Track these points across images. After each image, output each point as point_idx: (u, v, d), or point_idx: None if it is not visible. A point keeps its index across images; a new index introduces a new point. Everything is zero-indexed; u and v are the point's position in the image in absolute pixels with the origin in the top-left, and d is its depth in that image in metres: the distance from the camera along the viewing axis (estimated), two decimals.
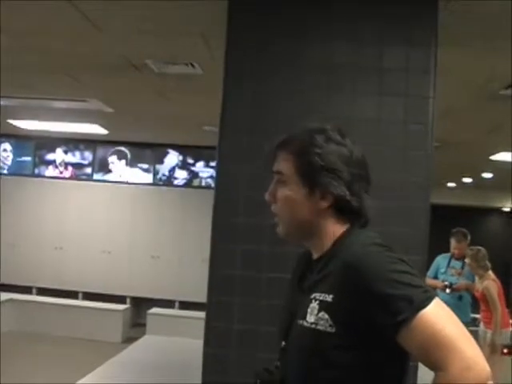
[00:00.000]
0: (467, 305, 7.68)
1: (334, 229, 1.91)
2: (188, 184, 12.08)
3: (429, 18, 3.81)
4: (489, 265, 7.54)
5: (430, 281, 7.57)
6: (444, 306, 1.68)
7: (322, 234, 1.93)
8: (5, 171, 12.48)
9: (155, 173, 12.24)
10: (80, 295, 11.98)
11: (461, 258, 7.71)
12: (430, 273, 7.72)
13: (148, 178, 12.25)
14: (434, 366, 1.60)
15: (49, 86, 7.41)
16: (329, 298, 1.76)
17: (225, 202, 3.81)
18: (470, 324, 7.59)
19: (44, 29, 5.17)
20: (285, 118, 3.71)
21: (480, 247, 7.61)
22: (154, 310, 11.02)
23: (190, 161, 12.11)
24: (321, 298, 1.78)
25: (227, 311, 3.76)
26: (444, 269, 7.77)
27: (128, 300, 11.84)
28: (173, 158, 12.19)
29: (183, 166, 12.14)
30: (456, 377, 1.55)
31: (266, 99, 3.84)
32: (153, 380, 4.54)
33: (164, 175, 12.23)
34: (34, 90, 7.74)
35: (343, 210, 1.90)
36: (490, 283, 7.43)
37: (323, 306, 1.77)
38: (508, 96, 6.04)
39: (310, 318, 1.80)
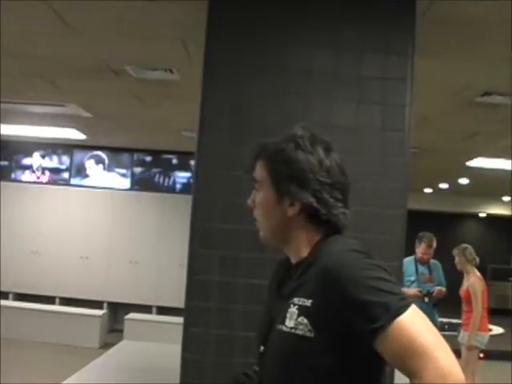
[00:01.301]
0: (432, 310, 7.65)
1: (309, 236, 1.92)
2: (166, 189, 12.06)
3: (407, 27, 3.85)
4: (477, 259, 7.66)
5: (405, 290, 7.57)
6: (421, 313, 1.68)
7: (297, 241, 1.94)
8: None
9: (132, 177, 12.21)
10: (57, 300, 11.90)
11: (427, 262, 7.71)
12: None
13: (126, 182, 12.21)
14: (409, 373, 1.60)
15: (25, 89, 7.37)
16: (308, 302, 1.77)
17: (202, 208, 3.82)
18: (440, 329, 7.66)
19: (18, 30, 5.13)
20: (263, 124, 3.72)
21: (466, 244, 7.70)
22: (132, 315, 10.96)
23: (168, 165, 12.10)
24: (300, 303, 1.79)
25: (205, 316, 3.76)
26: (414, 276, 7.64)
27: (105, 305, 11.76)
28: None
29: (164, 171, 12.13)
30: None
31: (245, 105, 3.84)
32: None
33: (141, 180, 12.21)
34: (10, 94, 7.68)
35: (314, 218, 1.92)
36: (476, 280, 7.52)
37: (302, 310, 1.77)
38: (483, 103, 6.10)
39: (290, 323, 1.80)
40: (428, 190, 15.54)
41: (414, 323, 1.64)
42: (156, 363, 4.09)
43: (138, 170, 12.23)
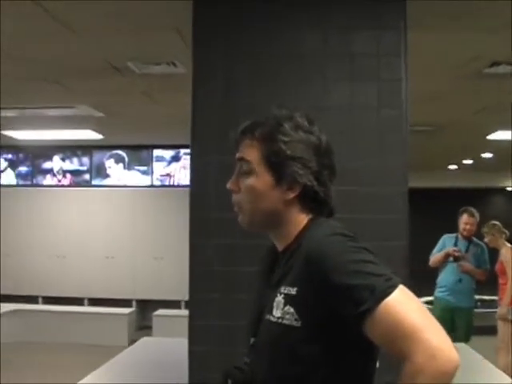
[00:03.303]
0: (469, 289, 7.59)
1: (298, 219, 1.86)
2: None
3: (396, 1, 3.77)
4: (507, 233, 7.73)
5: (435, 256, 7.57)
6: (409, 293, 1.63)
7: (287, 224, 1.87)
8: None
9: (153, 174, 12.23)
10: (86, 302, 12.01)
11: (469, 236, 7.62)
12: (436, 250, 7.66)
13: (146, 180, 12.22)
14: (400, 355, 1.55)
15: (36, 94, 7.39)
16: (293, 291, 1.73)
17: (200, 199, 3.80)
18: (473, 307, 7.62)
19: (16, 34, 5.11)
20: (256, 110, 3.67)
21: (494, 221, 7.69)
22: (160, 311, 11.02)
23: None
24: (286, 292, 1.75)
25: (209, 308, 3.74)
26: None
27: (134, 303, 11.85)
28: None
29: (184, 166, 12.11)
30: (421, 366, 1.50)
31: (236, 92, 3.81)
32: (147, 380, 4.52)
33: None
34: (23, 100, 7.73)
35: (309, 200, 1.86)
36: (508, 252, 7.52)
37: (288, 299, 1.74)
38: (492, 74, 5.98)
39: (277, 313, 1.76)
40: (453, 167, 15.38)
41: (402, 304, 1.59)
42: (176, 358, 4.08)
43: (158, 166, 12.22)
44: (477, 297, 8.20)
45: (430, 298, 8.18)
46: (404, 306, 1.59)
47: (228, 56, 3.85)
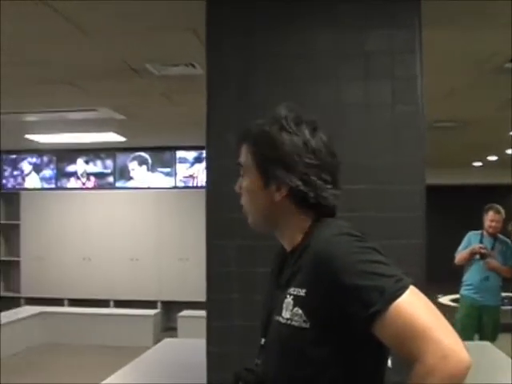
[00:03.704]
0: (496, 287, 7.53)
1: (300, 221, 1.88)
2: None
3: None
4: None
5: (460, 254, 7.51)
6: (420, 294, 1.63)
7: (288, 227, 1.90)
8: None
9: (176, 176, 12.26)
10: (111, 303, 12.08)
11: (495, 234, 7.56)
12: (462, 247, 7.61)
13: (170, 181, 12.26)
14: (410, 357, 1.54)
15: (58, 97, 7.44)
16: (302, 292, 1.74)
17: (216, 199, 3.81)
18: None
19: (39, 41, 5.17)
20: (271, 111, 3.67)
21: None
22: (184, 312, 11.06)
23: None
24: (295, 293, 1.76)
25: (227, 309, 3.74)
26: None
27: (159, 304, 11.89)
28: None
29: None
30: (432, 367, 1.49)
31: (251, 95, 3.80)
32: (167, 380, 4.54)
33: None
34: (46, 103, 7.79)
35: (299, 201, 1.86)
36: None
37: (297, 301, 1.74)
38: None
39: (286, 314, 1.77)
40: (477, 164, 15.23)
41: (412, 305, 1.58)
42: (196, 359, 4.09)
43: (181, 167, 12.25)
44: (503, 294, 8.14)
45: (456, 296, 8.13)
46: (414, 307, 1.58)
47: (242, 57, 3.84)
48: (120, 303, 11.97)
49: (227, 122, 3.76)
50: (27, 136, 10.45)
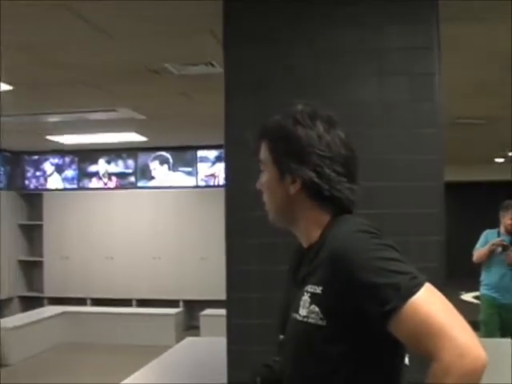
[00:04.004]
0: None
1: (317, 216, 1.88)
2: None
3: None
4: None
5: (479, 251, 7.45)
6: (436, 291, 1.62)
7: (305, 222, 1.91)
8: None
9: (197, 175, 12.29)
10: (134, 302, 12.13)
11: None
12: (479, 245, 7.55)
13: (191, 180, 12.28)
14: (426, 355, 1.54)
15: (79, 99, 7.49)
16: (318, 290, 1.74)
17: (236, 198, 3.82)
18: None
19: (57, 43, 5.23)
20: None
21: None
22: (207, 311, 11.07)
23: None
24: (312, 291, 1.76)
25: (247, 307, 3.74)
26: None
27: (181, 303, 11.93)
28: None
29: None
30: (448, 365, 1.49)
31: (269, 92, 3.80)
32: (187, 379, 4.55)
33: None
34: (67, 105, 7.85)
35: (314, 195, 1.86)
36: None
37: (314, 298, 1.75)
38: None
39: (303, 312, 1.78)
40: (499, 160, 15.10)
41: (428, 302, 1.58)
42: (217, 357, 4.10)
43: (202, 166, 12.27)
44: None
45: (477, 294, 8.09)
46: (430, 304, 1.58)
47: (260, 55, 3.84)
48: (142, 302, 12.05)
49: (245, 121, 3.76)
50: (49, 137, 10.53)
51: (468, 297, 13.06)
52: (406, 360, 1.82)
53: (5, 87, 6.53)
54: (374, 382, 1.74)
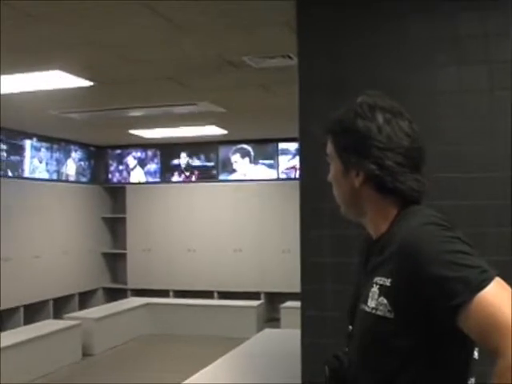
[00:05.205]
0: None
1: (384, 208, 1.86)
2: None
3: None
4: None
5: None
6: (506, 286, 1.57)
7: (372, 214, 1.89)
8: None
9: (278, 167, 12.32)
10: (215, 295, 12.26)
11: None
12: None
13: (272, 173, 12.32)
14: (493, 350, 1.50)
15: (159, 93, 7.62)
16: (387, 282, 1.72)
17: (310, 190, 3.81)
18: None
19: (138, 41, 5.35)
20: None
21: None
22: (288, 303, 11.06)
23: None
24: (381, 283, 1.74)
25: (321, 299, 3.73)
26: None
27: (262, 296, 11.98)
28: None
29: None
30: None
31: (344, 85, 3.77)
32: (262, 370, 4.57)
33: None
34: (148, 99, 7.99)
35: (381, 188, 1.84)
36: None
37: (383, 290, 1.73)
38: None
39: (371, 303, 1.76)
40: None
41: (497, 297, 1.53)
42: (293, 349, 4.11)
43: (283, 159, 12.29)
44: None
45: None
46: (499, 299, 1.53)
47: (333, 47, 3.82)
48: (224, 294, 12.16)
49: (319, 114, 3.74)
50: (132, 131, 10.72)
51: None
52: (476, 354, 1.78)
53: (89, 83, 6.71)
54: (442, 376, 1.71)
